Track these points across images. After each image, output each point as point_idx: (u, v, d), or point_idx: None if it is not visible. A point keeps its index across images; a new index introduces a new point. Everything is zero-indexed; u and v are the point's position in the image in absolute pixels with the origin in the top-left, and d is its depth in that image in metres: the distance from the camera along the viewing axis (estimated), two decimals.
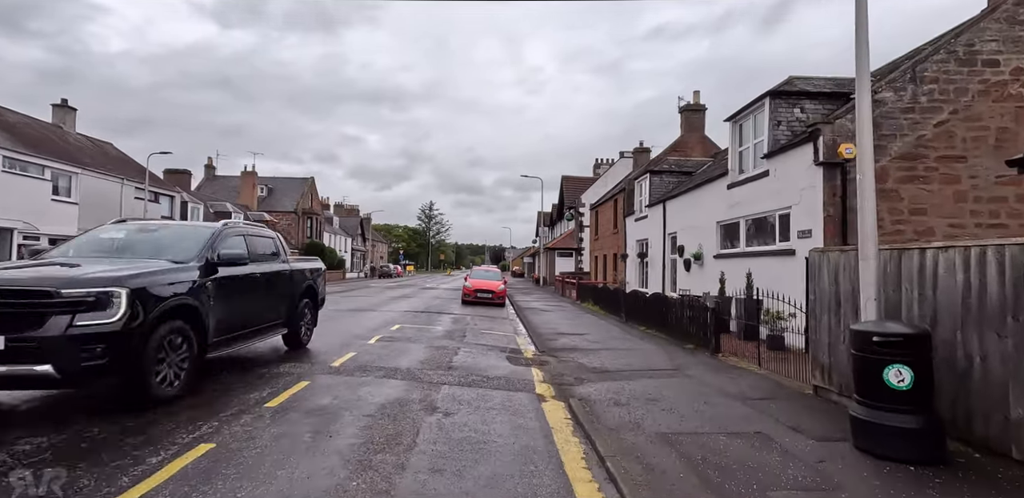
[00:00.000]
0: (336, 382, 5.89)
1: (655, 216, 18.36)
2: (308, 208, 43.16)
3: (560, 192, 44.48)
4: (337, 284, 36.29)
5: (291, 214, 41.37)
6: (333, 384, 5.79)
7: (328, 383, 5.83)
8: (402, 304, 18.24)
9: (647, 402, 5.63)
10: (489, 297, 19.19)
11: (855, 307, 5.12)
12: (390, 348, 8.50)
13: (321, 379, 6.00)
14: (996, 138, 8.72)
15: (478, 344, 9.63)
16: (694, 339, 9.61)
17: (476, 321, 13.66)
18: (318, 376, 6.16)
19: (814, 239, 9.12)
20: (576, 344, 9.95)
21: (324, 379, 6.01)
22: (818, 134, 8.97)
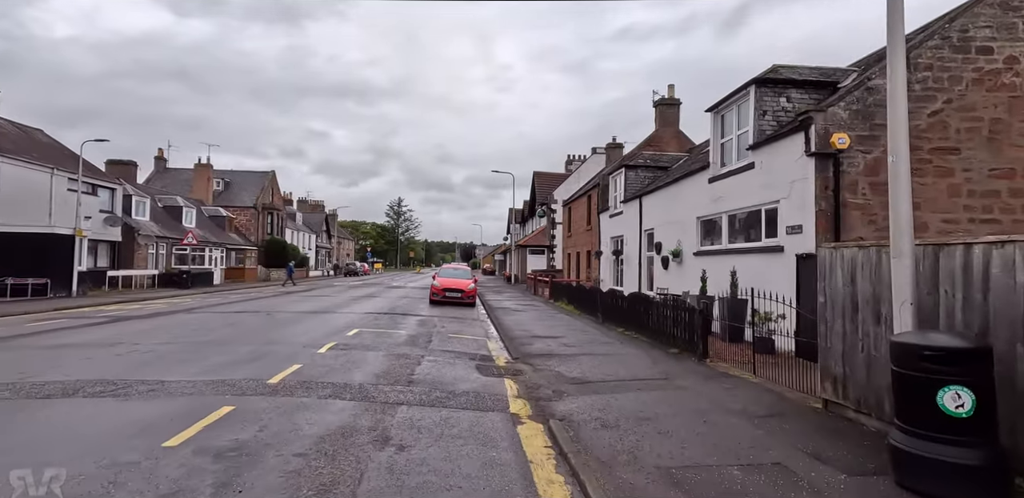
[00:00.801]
0: (268, 406, 4.87)
1: (631, 212, 17.76)
2: (269, 203, 41.05)
3: (532, 189, 43.75)
4: (301, 283, 34.57)
5: (250, 209, 39.23)
6: (264, 409, 4.77)
7: (257, 408, 4.80)
8: (365, 305, 17.09)
9: (639, 423, 4.84)
10: (459, 297, 18.24)
11: (876, 311, 4.46)
12: (343, 358, 7.48)
13: (250, 403, 4.96)
14: (989, 130, 8.33)
15: (445, 351, 8.71)
16: (679, 343, 8.94)
17: (444, 323, 12.71)
18: (247, 398, 5.11)
19: (805, 235, 8.56)
20: (552, 349, 9.15)
21: (254, 402, 4.98)
22: (809, 122, 8.40)
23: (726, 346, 9.25)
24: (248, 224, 39.00)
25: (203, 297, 19.77)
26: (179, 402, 4.88)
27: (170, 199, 31.27)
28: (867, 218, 8.31)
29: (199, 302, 17.33)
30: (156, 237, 25.89)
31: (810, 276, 8.31)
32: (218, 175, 40.86)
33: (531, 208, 45.15)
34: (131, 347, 7.90)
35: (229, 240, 34.29)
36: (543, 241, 38.23)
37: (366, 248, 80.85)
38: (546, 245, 37.55)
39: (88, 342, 8.40)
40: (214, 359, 7.08)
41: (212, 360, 7.00)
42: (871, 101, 8.36)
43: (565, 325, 12.66)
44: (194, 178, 38.04)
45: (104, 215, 22.12)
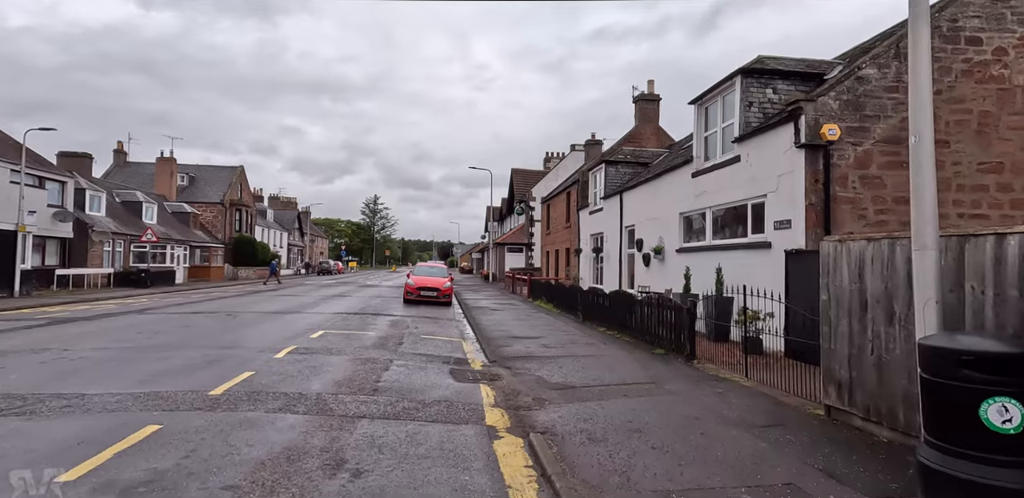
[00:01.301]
0: (203, 423, 4.20)
1: (611, 208, 17.38)
2: (237, 199, 39.46)
3: (510, 186, 43.21)
4: (269, 282, 33.26)
5: (217, 205, 37.61)
6: (197, 428, 4.09)
7: (189, 426, 4.12)
8: (335, 305, 16.29)
9: (630, 435, 4.35)
10: (434, 296, 17.58)
11: (889, 311, 4.05)
12: (303, 364, 6.80)
13: (181, 420, 4.28)
14: (978, 122, 8.13)
15: (417, 354, 8.10)
16: (664, 343, 8.52)
17: (418, 324, 12.07)
18: (180, 414, 4.42)
19: (794, 230, 8.23)
20: (532, 351, 8.62)
21: (186, 419, 4.29)
22: (799, 113, 8.06)
23: (712, 346, 8.89)
24: (215, 221, 37.42)
25: (161, 297, 18.63)
26: (95, 421, 4.15)
27: (129, 194, 29.66)
28: (857, 213, 8.02)
29: (155, 302, 16.26)
30: (112, 234, 24.43)
31: (799, 273, 8.00)
32: (183, 170, 39.11)
33: (509, 206, 44.60)
34: (59, 354, 7.05)
35: (194, 237, 32.79)
36: (521, 239, 37.74)
37: (341, 246, 79.09)
38: (524, 243, 37.07)
39: (11, 348, 7.49)
40: (153, 367, 6.32)
41: (150, 368, 6.24)
42: (861, 91, 8.07)
43: (545, 325, 12.16)
44: (156, 173, 36.28)
45: (53, 210, 20.66)
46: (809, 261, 7.80)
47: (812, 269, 7.73)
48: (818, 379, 5.66)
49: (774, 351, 8.06)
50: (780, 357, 7.85)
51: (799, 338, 7.11)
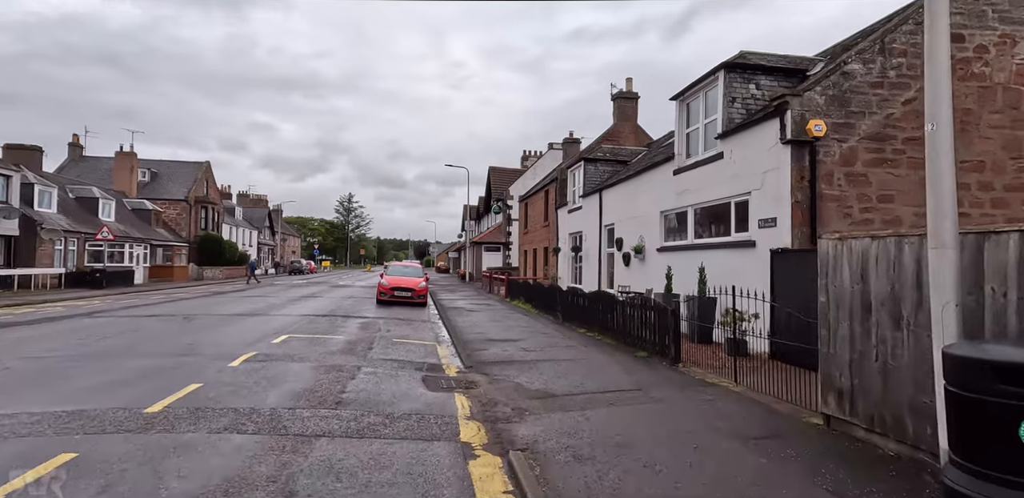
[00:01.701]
0: (129, 449, 3.62)
1: (590, 207, 17.09)
2: (203, 196, 37.89)
3: (487, 184, 42.73)
4: (236, 282, 32.05)
5: (181, 203, 36.02)
6: (120, 455, 3.51)
7: (111, 454, 3.54)
8: (304, 306, 15.56)
9: (619, 452, 3.97)
10: (408, 296, 17.00)
11: (895, 314, 3.76)
12: (260, 373, 6.22)
13: (103, 445, 3.68)
14: (961, 120, 8.04)
15: (387, 359, 7.58)
16: (647, 345, 8.20)
17: (390, 326, 11.51)
18: (103, 438, 3.82)
19: (779, 229, 8.02)
20: (510, 354, 8.20)
21: (109, 445, 3.69)
22: (785, 107, 7.84)
23: (695, 348, 8.62)
24: (179, 219, 35.86)
25: (116, 298, 17.54)
26: None
27: (84, 189, 28.07)
28: (842, 211, 7.85)
29: (108, 304, 15.24)
30: (64, 231, 23.02)
31: (785, 273, 7.78)
32: (145, 165, 37.35)
33: (486, 204, 44.11)
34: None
35: (156, 236, 31.30)
36: (499, 238, 37.31)
37: (314, 245, 77.22)
38: (502, 242, 36.66)
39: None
40: (85, 380, 5.64)
41: (82, 381, 5.57)
42: (847, 87, 7.90)
43: (523, 326, 11.76)
44: (115, 168, 34.54)
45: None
46: (796, 261, 7.60)
47: (799, 269, 7.53)
48: (809, 384, 5.40)
49: (758, 353, 7.83)
50: (765, 359, 7.62)
51: (784, 340, 6.88)
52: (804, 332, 6.59)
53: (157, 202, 34.51)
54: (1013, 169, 8.12)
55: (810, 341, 6.30)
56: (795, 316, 6.56)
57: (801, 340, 6.25)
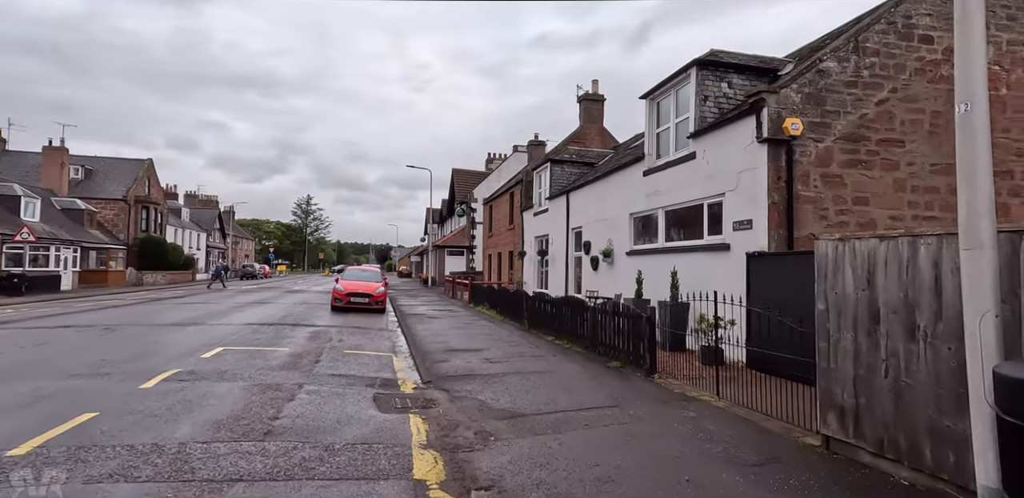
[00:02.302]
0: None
1: (557, 209, 16.64)
2: (144, 196, 35.35)
3: (450, 187, 41.90)
4: (181, 287, 29.95)
5: (119, 202, 33.44)
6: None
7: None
8: (249, 314, 14.37)
9: (600, 487, 3.37)
10: (366, 302, 16.03)
11: (910, 324, 3.34)
12: (176, 397, 5.30)
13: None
14: (931, 123, 7.99)
15: (335, 375, 6.76)
16: (620, 355, 7.70)
17: (343, 335, 10.61)
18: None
19: (755, 231, 7.69)
20: (474, 366, 7.53)
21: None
22: (761, 105, 7.55)
23: (668, 356, 8.19)
24: (116, 219, 33.32)
25: (35, 306, 15.77)
26: None
27: (4, 186, 25.56)
28: (819, 213, 7.60)
29: (22, 314, 13.59)
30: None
31: (762, 277, 7.45)
32: (78, 161, 34.58)
33: (450, 207, 43.26)
34: None
35: (88, 238, 28.88)
36: (462, 241, 36.53)
37: (269, 249, 73.99)
38: (465, 246, 35.89)
39: None
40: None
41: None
42: (823, 85, 7.68)
43: (487, 334, 11.09)
44: (44, 164, 31.78)
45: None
46: (773, 264, 7.28)
47: (777, 273, 7.22)
48: (796, 397, 4.99)
49: (735, 361, 7.46)
50: (742, 368, 7.25)
51: (762, 348, 6.50)
52: (784, 340, 6.24)
53: (92, 201, 31.93)
54: None
55: (791, 349, 5.94)
56: (772, 323, 6.21)
57: (780, 348, 5.89)
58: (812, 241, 8.00)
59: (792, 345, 6.14)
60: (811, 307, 5.81)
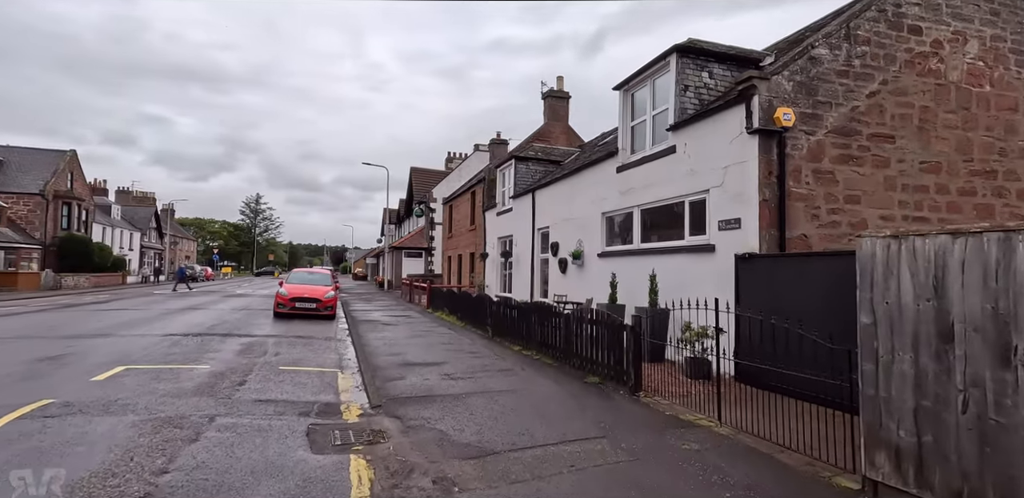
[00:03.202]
0: None
1: (522, 209, 15.76)
2: (66, 190, 31.98)
3: (408, 186, 40.41)
4: (107, 291, 27.16)
5: (35, 197, 30.06)
6: None
7: None
8: (175, 322, 12.69)
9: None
10: (313, 308, 14.61)
11: (1000, 344, 2.60)
12: (30, 442, 3.98)
13: None
14: (919, 118, 7.59)
15: (261, 401, 5.56)
16: (599, 369, 6.85)
17: (282, 347, 9.31)
18: None
19: (744, 231, 7.04)
20: (432, 385, 6.49)
21: None
22: (752, 92, 6.90)
23: (648, 367, 7.38)
24: (31, 216, 29.98)
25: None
26: None
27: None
28: (810, 212, 7.02)
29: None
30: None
31: (753, 281, 6.78)
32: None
33: (408, 207, 41.70)
34: None
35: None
36: (420, 243, 35.15)
37: (213, 249, 69.52)
38: (424, 247, 34.53)
39: None
40: None
41: None
42: (814, 73, 7.13)
43: (448, 344, 10.04)
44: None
45: None
46: (765, 267, 6.62)
47: (771, 277, 6.55)
48: (806, 420, 4.26)
49: (722, 374, 6.76)
50: (730, 382, 6.55)
51: (753, 359, 5.81)
52: (781, 351, 5.56)
53: (1, 196, 28.58)
54: (965, 172, 7.78)
55: (787, 362, 5.27)
56: (766, 332, 5.53)
57: (774, 361, 5.20)
58: (805, 242, 7.46)
59: (792, 357, 5.47)
60: (818, 316, 5.15)
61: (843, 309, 5.14)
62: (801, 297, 5.79)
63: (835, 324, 4.45)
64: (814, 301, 5.57)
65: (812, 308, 5.43)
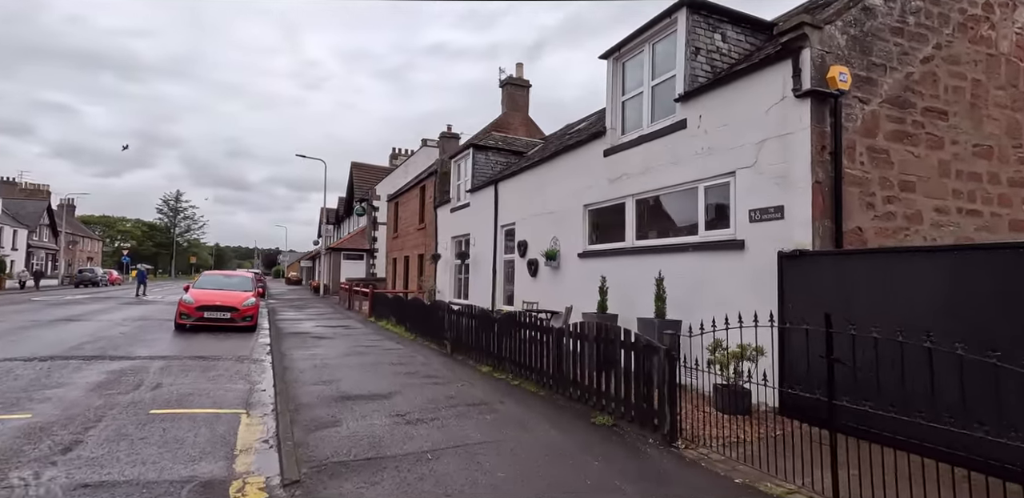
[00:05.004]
0: None
1: (482, 203, 13.87)
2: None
3: (349, 183, 37.38)
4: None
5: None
6: None
7: None
8: (28, 341, 9.71)
9: None
10: (227, 318, 11.97)
11: None
12: None
13: None
14: (971, 93, 6.46)
15: (87, 487, 3.33)
16: (612, 405, 5.08)
17: (169, 375, 6.88)
18: None
19: (788, 222, 5.53)
20: (381, 434, 4.46)
21: None
22: (801, 44, 5.43)
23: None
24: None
25: None
26: None
27: None
28: (865, 200, 5.63)
29: None
30: None
31: (806, 286, 5.21)
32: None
33: (348, 206, 38.60)
34: None
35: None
36: (362, 244, 32.35)
37: (123, 251, 62.07)
38: (365, 249, 31.77)
39: None
40: None
41: None
42: (869, 27, 5.78)
43: (397, 364, 7.95)
44: None
45: None
46: (827, 268, 5.03)
47: (839, 281, 4.82)
48: (936, 487, 2.68)
49: (766, 408, 5.22)
50: (772, 416, 5.02)
51: (803, 388, 4.26)
52: (861, 378, 4.04)
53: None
54: (1015, 159, 6.74)
55: (866, 393, 3.77)
56: (818, 353, 4.00)
57: (826, 386, 3.66)
58: (860, 237, 6.00)
59: (888, 388, 3.95)
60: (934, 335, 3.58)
61: (989, 326, 3.65)
62: (901, 310, 4.28)
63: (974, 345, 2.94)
64: (924, 314, 4.08)
65: (920, 324, 3.93)
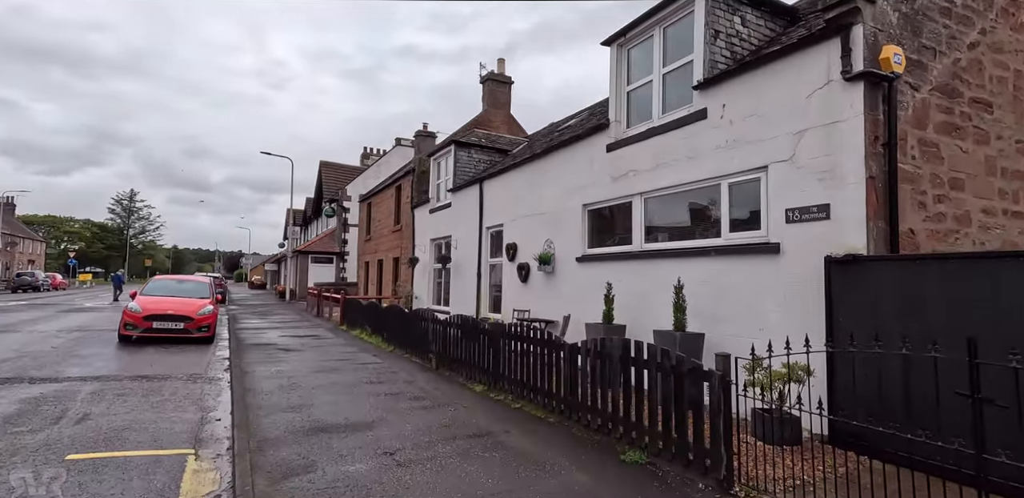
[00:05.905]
0: None
1: (465, 204, 12.95)
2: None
3: (318, 183, 35.79)
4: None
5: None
6: None
7: None
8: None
9: None
10: (180, 328, 10.65)
11: None
12: None
13: None
14: (1014, 85, 5.98)
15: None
16: (646, 439, 4.25)
17: (101, 403, 5.71)
18: None
19: (836, 222, 4.86)
20: (365, 481, 3.51)
21: None
22: (853, 20, 4.78)
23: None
24: None
25: None
26: None
27: None
28: (917, 198, 5.02)
29: None
30: None
31: (867, 296, 4.50)
32: None
33: (316, 207, 36.94)
34: None
35: None
36: (331, 247, 30.84)
37: (69, 253, 58.02)
38: (335, 252, 30.29)
39: None
40: None
41: None
42: (919, 5, 5.20)
43: (378, 383, 6.95)
44: None
45: None
46: (885, 277, 4.40)
47: (905, 291, 4.13)
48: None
49: (815, 436, 4.50)
50: (822, 447, 4.30)
51: (843, 414, 3.56)
52: (912, 404, 3.36)
53: None
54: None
55: (939, 424, 3.09)
56: (884, 374, 3.28)
57: (887, 412, 2.92)
58: (912, 240, 5.35)
59: (940, 417, 3.26)
60: None
61: None
62: (1008, 330, 3.61)
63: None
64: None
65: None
